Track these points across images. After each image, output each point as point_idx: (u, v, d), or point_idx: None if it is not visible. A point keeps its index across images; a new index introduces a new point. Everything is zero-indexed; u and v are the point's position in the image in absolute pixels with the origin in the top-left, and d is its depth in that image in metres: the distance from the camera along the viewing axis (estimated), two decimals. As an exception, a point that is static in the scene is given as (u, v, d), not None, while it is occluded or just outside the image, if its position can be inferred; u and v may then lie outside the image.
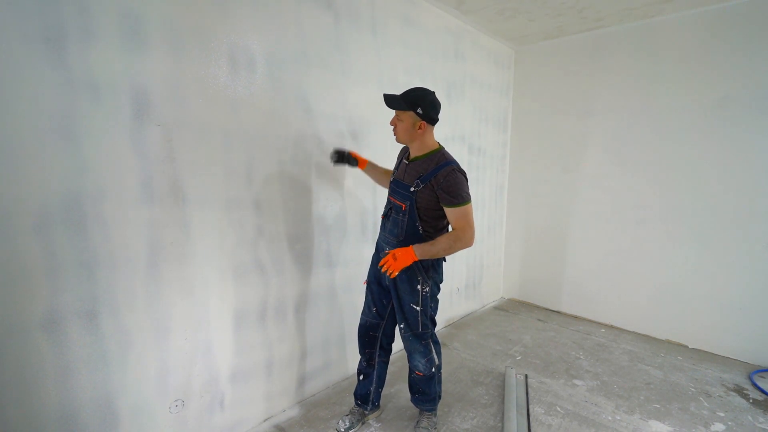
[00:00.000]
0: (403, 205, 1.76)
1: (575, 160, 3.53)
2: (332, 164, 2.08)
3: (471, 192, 3.49)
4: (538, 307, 3.90)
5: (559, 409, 2.24)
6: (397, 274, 1.70)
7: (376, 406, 2.10)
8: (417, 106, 1.65)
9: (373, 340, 2.01)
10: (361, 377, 2.04)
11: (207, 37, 1.66)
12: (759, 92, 2.64)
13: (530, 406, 2.24)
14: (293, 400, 2.23)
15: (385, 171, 2.11)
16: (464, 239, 1.68)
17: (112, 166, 1.45)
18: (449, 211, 1.71)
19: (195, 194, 1.69)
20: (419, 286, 1.80)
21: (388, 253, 1.72)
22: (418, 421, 2.02)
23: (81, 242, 1.40)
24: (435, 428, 2.01)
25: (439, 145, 1.80)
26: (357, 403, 2.08)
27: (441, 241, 1.69)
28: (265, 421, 2.09)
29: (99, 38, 1.38)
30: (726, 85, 2.75)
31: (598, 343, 3.10)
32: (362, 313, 2.03)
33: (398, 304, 1.86)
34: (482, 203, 3.67)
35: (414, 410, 2.18)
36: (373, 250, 2.53)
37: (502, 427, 2.03)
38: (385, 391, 2.32)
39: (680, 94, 2.93)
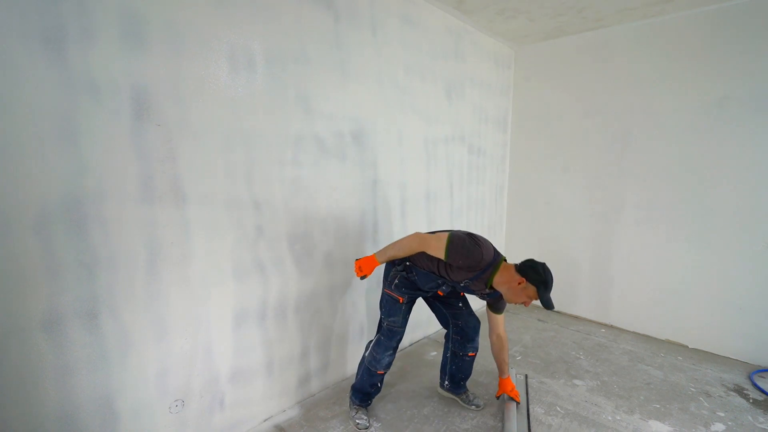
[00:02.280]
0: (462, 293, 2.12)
1: (575, 159, 3.53)
2: None
3: (471, 191, 3.50)
4: (538, 307, 3.90)
5: (559, 409, 2.24)
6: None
7: None
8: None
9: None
10: (379, 385, 2.11)
11: (207, 37, 1.66)
12: (759, 92, 2.64)
13: (530, 406, 2.24)
14: (293, 400, 2.23)
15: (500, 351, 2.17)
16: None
17: (112, 166, 1.45)
18: None
19: (195, 194, 1.69)
20: None
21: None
22: (467, 397, 2.24)
23: (81, 242, 1.40)
24: None
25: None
26: (367, 404, 2.14)
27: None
28: (265, 421, 2.09)
29: (99, 38, 1.38)
30: (726, 85, 2.75)
31: (598, 343, 3.10)
32: (399, 326, 2.03)
33: (452, 292, 2.07)
34: (482, 203, 3.67)
35: (413, 410, 2.19)
36: (373, 250, 2.55)
37: (503, 427, 2.03)
38: (384, 392, 2.32)
39: (680, 94, 2.93)
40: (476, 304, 3.75)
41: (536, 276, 1.70)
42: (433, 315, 2.29)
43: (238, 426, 1.97)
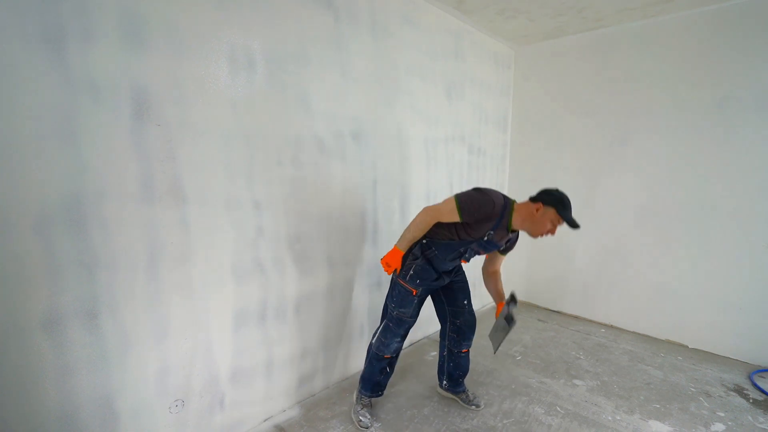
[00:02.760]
0: (487, 255, 2.15)
1: (575, 160, 3.53)
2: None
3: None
4: (538, 307, 3.90)
5: (559, 409, 2.24)
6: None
7: None
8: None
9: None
10: (388, 369, 2.12)
11: (207, 37, 1.66)
12: (759, 92, 2.64)
13: (530, 406, 2.25)
14: (293, 400, 2.23)
15: (496, 283, 2.17)
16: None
17: (112, 166, 1.45)
18: None
19: (195, 194, 1.69)
20: None
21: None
22: (467, 397, 2.25)
23: (81, 242, 1.40)
24: None
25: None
26: (378, 394, 2.15)
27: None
28: (265, 421, 2.09)
29: (99, 38, 1.38)
30: (726, 85, 2.75)
31: (598, 343, 3.10)
32: (410, 317, 2.02)
33: (462, 286, 2.15)
34: (482, 203, 3.66)
35: (413, 410, 2.19)
36: (375, 251, 2.55)
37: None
38: (385, 391, 2.32)
39: (680, 94, 2.93)
40: (477, 303, 3.75)
41: (551, 197, 1.75)
42: (432, 316, 2.29)
43: (238, 426, 1.97)
